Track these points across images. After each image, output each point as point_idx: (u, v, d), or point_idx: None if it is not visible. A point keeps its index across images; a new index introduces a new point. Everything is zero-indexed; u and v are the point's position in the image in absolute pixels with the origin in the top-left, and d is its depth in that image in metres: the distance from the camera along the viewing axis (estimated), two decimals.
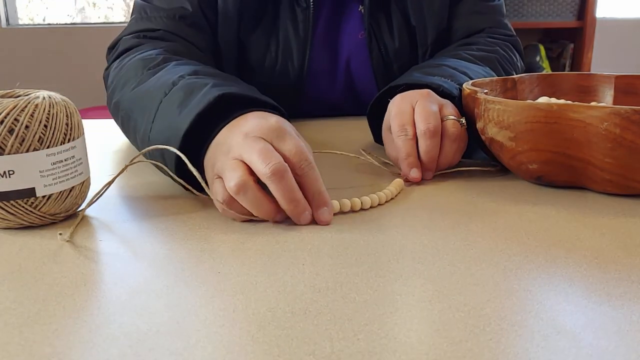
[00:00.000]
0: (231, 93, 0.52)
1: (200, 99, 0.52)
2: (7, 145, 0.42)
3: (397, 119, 0.58)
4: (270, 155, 0.44)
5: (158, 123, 0.55)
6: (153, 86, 0.59)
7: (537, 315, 0.32)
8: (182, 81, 0.56)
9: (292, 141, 0.46)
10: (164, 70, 0.62)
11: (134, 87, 0.62)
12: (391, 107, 0.61)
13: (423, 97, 0.59)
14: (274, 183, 0.44)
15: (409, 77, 0.67)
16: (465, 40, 0.86)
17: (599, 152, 0.49)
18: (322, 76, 0.88)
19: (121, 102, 0.64)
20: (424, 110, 0.57)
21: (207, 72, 0.60)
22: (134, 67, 0.66)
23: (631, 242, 0.43)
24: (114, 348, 0.30)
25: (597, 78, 0.70)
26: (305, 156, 0.46)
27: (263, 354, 0.29)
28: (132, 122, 0.60)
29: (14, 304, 0.34)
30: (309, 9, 0.82)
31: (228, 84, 0.55)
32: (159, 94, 0.57)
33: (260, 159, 0.44)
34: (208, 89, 0.53)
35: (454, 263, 0.39)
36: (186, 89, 0.55)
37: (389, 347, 0.29)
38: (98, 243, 0.44)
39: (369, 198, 0.50)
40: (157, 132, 0.54)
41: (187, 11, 0.77)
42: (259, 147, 0.45)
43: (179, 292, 0.36)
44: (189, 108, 0.52)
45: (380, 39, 0.85)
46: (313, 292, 0.35)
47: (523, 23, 2.45)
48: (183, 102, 0.53)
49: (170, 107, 0.54)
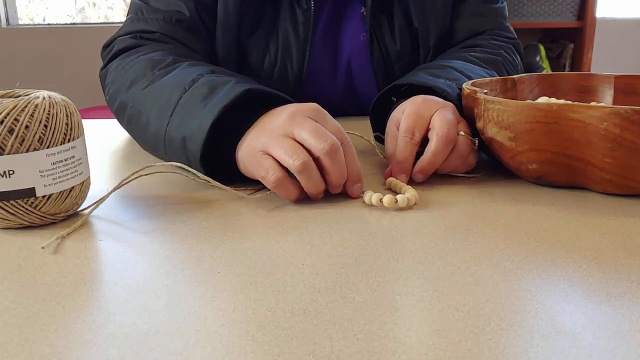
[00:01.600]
0: (257, 89, 0.55)
1: (226, 94, 0.54)
2: (7, 145, 0.42)
3: (409, 119, 0.57)
4: (323, 133, 0.49)
5: (177, 117, 0.57)
6: (168, 84, 0.61)
7: (536, 315, 0.32)
8: (202, 79, 0.59)
9: (333, 122, 0.52)
10: (177, 70, 0.63)
11: (145, 86, 0.63)
12: (408, 105, 0.59)
13: (445, 108, 0.58)
14: (330, 159, 0.49)
15: (414, 77, 0.66)
16: (469, 42, 0.86)
17: (599, 152, 0.49)
18: (322, 77, 0.88)
19: (129, 100, 0.65)
20: (445, 118, 0.56)
21: (224, 71, 0.63)
22: (142, 67, 0.67)
23: (631, 242, 0.43)
24: (114, 348, 0.30)
25: (597, 78, 0.70)
26: (345, 135, 0.52)
27: (263, 354, 0.29)
28: (143, 119, 0.62)
29: (14, 304, 0.34)
30: (310, 10, 0.81)
31: (249, 81, 0.58)
32: (178, 91, 0.59)
33: (315, 137, 0.49)
34: (232, 85, 0.56)
35: (454, 263, 0.39)
36: (209, 85, 0.57)
37: (388, 347, 0.29)
38: (98, 243, 0.44)
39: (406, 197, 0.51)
40: (177, 125, 0.56)
41: (183, 15, 0.77)
42: (311, 126, 0.50)
43: (179, 292, 0.36)
44: (214, 101, 0.54)
45: (382, 40, 0.85)
46: (313, 292, 0.35)
47: (523, 23, 2.45)
48: (207, 96, 0.56)
49: (193, 102, 0.56)
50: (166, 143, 0.58)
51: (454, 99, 0.61)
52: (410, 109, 0.58)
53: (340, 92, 0.90)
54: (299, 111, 0.51)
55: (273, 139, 0.50)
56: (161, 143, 0.59)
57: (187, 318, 0.33)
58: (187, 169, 0.53)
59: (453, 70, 0.69)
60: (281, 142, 0.49)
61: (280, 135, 0.50)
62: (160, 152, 0.61)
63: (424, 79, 0.64)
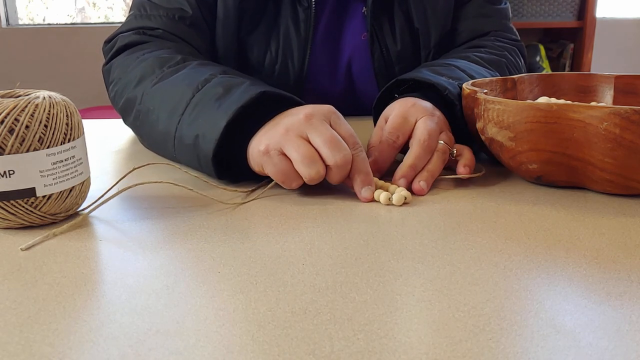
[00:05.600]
0: (272, 92, 0.56)
1: (241, 94, 0.55)
2: (7, 145, 0.42)
3: (396, 121, 0.58)
4: (337, 143, 0.51)
5: (190, 116, 0.57)
6: (179, 82, 0.61)
7: (536, 315, 0.32)
8: (215, 79, 0.59)
9: (346, 126, 0.53)
10: (188, 69, 0.64)
11: (155, 83, 0.64)
12: (398, 106, 0.60)
13: (431, 117, 0.58)
14: (339, 170, 0.51)
15: (417, 73, 0.66)
16: (474, 42, 0.86)
17: (599, 152, 0.49)
18: (322, 76, 0.88)
19: (137, 97, 0.65)
20: (427, 127, 0.57)
21: (235, 72, 0.63)
22: (150, 64, 0.67)
23: (631, 242, 0.43)
24: (114, 348, 0.30)
25: (597, 78, 0.70)
26: (356, 140, 0.53)
27: (263, 353, 0.29)
28: (153, 116, 0.62)
29: (14, 304, 0.34)
30: (311, 8, 0.81)
31: (262, 84, 0.59)
32: (190, 90, 0.59)
33: (330, 148, 0.50)
34: (247, 86, 0.56)
35: (454, 263, 0.39)
36: (224, 85, 0.57)
37: (388, 347, 0.29)
38: (98, 243, 0.44)
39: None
40: (189, 124, 0.57)
41: (186, 12, 0.77)
42: (327, 134, 0.51)
43: (179, 292, 0.36)
44: (229, 102, 0.55)
45: (383, 41, 0.85)
46: (313, 291, 0.35)
47: (523, 23, 2.45)
48: (222, 97, 0.56)
49: (207, 101, 0.57)
50: (176, 141, 0.59)
51: (455, 98, 0.61)
52: (398, 111, 0.59)
53: (340, 91, 0.90)
54: (315, 114, 0.52)
55: (288, 139, 0.51)
56: (170, 141, 0.60)
57: (187, 318, 0.33)
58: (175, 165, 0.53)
59: (457, 69, 0.69)
60: (297, 144, 0.50)
61: (295, 135, 0.51)
62: (168, 149, 0.62)
63: (427, 76, 0.64)
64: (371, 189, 0.52)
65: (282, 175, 0.52)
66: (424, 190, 0.54)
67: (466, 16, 0.87)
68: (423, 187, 0.54)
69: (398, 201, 0.51)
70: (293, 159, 0.51)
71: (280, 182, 0.53)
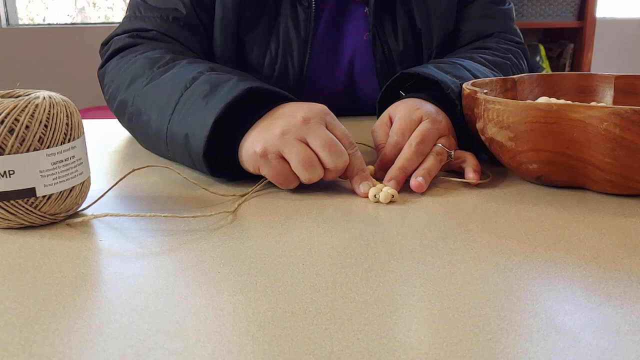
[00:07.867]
0: (260, 87, 0.56)
1: (228, 91, 0.55)
2: (8, 145, 0.42)
3: (403, 122, 0.58)
4: (337, 148, 0.52)
5: (179, 115, 0.57)
6: (169, 82, 0.61)
7: (536, 315, 0.32)
8: (202, 76, 0.59)
9: (341, 127, 0.54)
10: (177, 68, 0.64)
11: (145, 84, 0.64)
12: (405, 106, 0.60)
13: (433, 121, 0.58)
14: (336, 173, 0.53)
15: (424, 68, 0.66)
16: (478, 43, 0.86)
17: (599, 152, 0.49)
18: (323, 76, 0.88)
19: (129, 99, 0.66)
20: (425, 130, 0.57)
21: (223, 69, 0.63)
22: (141, 66, 0.67)
23: (631, 242, 0.43)
24: (114, 348, 0.30)
25: (597, 78, 0.70)
26: (351, 141, 0.54)
27: (263, 353, 0.29)
28: (144, 117, 0.62)
29: (14, 304, 0.34)
30: (311, 7, 0.81)
31: (251, 79, 0.59)
32: (178, 88, 0.59)
33: (329, 152, 0.51)
34: (234, 82, 0.56)
35: (454, 263, 0.39)
36: (211, 82, 0.57)
37: (388, 347, 0.29)
38: (98, 243, 0.44)
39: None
40: (178, 123, 0.57)
41: (180, 13, 0.77)
42: (326, 138, 0.51)
43: (179, 292, 0.36)
44: (217, 99, 0.55)
45: (385, 40, 0.85)
46: (313, 292, 0.35)
47: (523, 23, 2.45)
48: (209, 94, 0.56)
49: (195, 99, 0.57)
50: (168, 140, 0.59)
51: (457, 98, 0.61)
52: (403, 113, 0.59)
53: (341, 91, 0.90)
54: (313, 117, 0.52)
55: (287, 142, 0.51)
56: (163, 141, 0.60)
57: (187, 318, 0.33)
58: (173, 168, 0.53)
59: (462, 69, 0.69)
60: (297, 148, 0.51)
61: (294, 138, 0.51)
62: (163, 149, 0.62)
63: (432, 72, 0.64)
64: (369, 184, 0.53)
65: (280, 178, 0.53)
66: (423, 185, 0.54)
67: (470, 17, 0.87)
68: (421, 182, 0.54)
69: (385, 199, 0.52)
70: (292, 162, 0.51)
71: (278, 184, 0.53)
